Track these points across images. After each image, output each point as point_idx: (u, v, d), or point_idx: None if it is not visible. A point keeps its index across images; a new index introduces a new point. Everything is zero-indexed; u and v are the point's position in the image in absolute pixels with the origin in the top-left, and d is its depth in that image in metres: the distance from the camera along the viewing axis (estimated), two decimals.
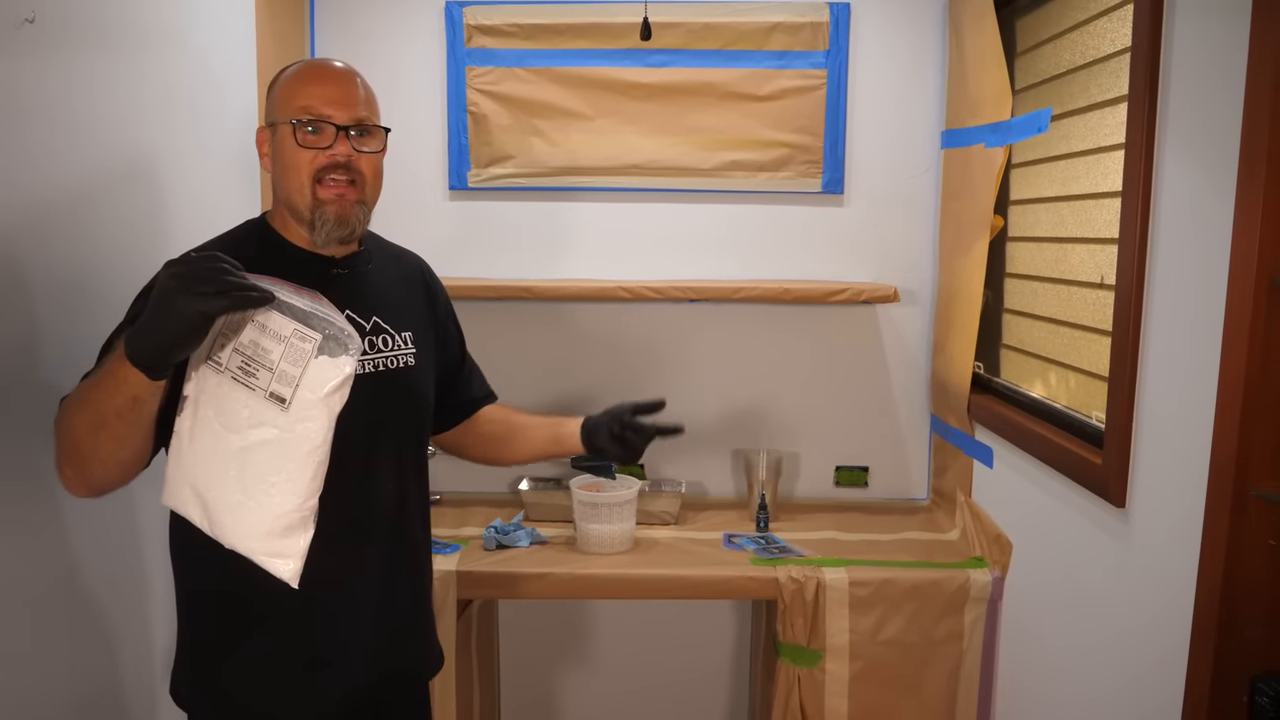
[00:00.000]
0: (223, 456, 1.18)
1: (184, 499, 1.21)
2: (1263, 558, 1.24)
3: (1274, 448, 1.22)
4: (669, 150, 2.47)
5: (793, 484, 2.60)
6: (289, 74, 1.41)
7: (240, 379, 1.17)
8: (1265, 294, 1.20)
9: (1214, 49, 1.31)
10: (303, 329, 1.16)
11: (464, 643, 2.16)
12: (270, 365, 1.16)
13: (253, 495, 1.17)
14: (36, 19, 1.33)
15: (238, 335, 1.18)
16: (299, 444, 1.17)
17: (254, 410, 1.17)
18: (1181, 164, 1.40)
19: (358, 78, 1.41)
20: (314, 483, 1.19)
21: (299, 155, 1.34)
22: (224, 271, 1.10)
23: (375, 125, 1.40)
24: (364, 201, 1.39)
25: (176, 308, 1.08)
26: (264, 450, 1.17)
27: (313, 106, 1.34)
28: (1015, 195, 2.21)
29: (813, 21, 2.42)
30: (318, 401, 1.16)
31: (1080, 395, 1.86)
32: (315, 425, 1.17)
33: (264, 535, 1.18)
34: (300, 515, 1.18)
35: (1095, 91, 1.81)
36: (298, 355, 1.15)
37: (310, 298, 1.21)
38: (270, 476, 1.17)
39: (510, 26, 2.44)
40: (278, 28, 2.23)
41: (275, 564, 1.19)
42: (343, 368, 1.16)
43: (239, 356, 1.18)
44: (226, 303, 1.09)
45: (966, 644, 2.09)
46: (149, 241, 1.67)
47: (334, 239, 1.37)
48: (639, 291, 2.33)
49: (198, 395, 1.20)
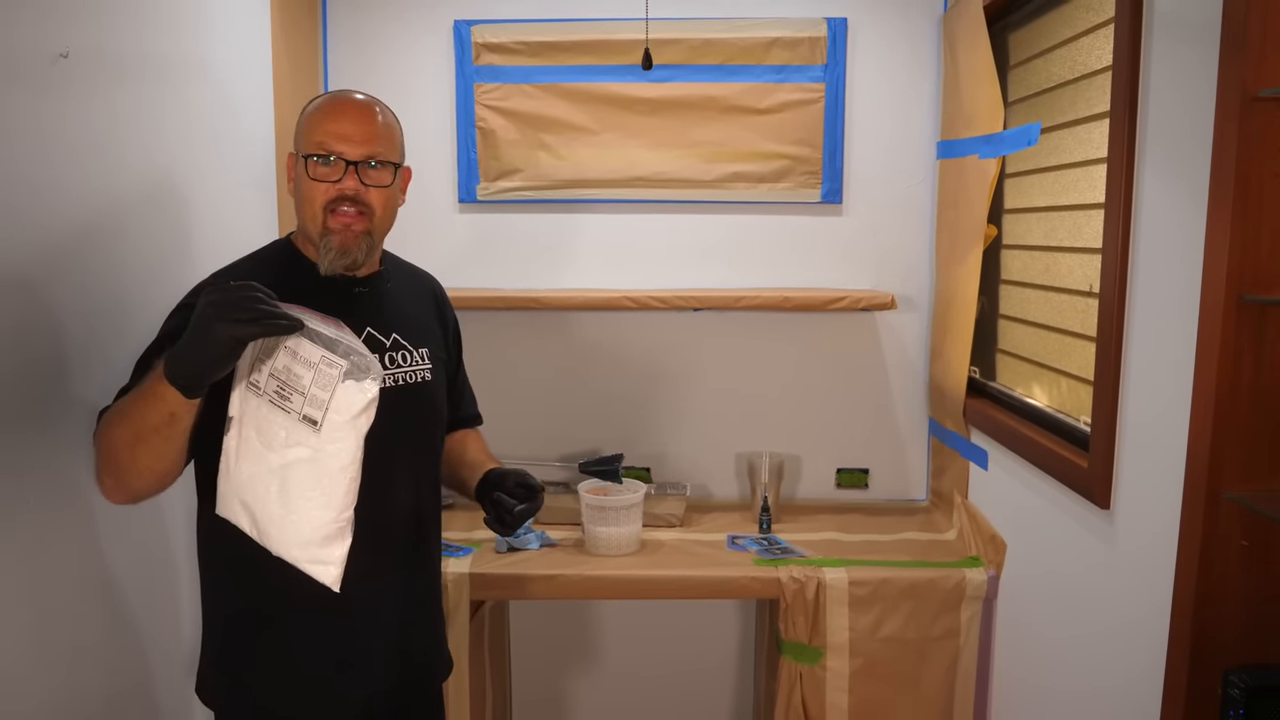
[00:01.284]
0: (265, 473, 1.28)
1: (234, 511, 1.31)
2: (1235, 558, 1.30)
3: (1244, 453, 1.29)
4: (672, 163, 2.54)
5: (795, 486, 2.67)
6: (314, 106, 1.48)
7: (277, 402, 1.27)
8: (1235, 309, 1.26)
9: (1188, 70, 1.37)
10: (330, 356, 1.25)
11: (476, 643, 2.23)
12: (302, 390, 1.25)
13: (293, 509, 1.27)
14: (70, 54, 1.41)
15: (273, 360, 1.27)
16: (331, 462, 1.26)
17: (290, 431, 1.26)
18: (1159, 179, 1.47)
19: (377, 114, 1.46)
20: (348, 496, 1.29)
21: (312, 187, 1.42)
22: (257, 300, 1.19)
23: (388, 160, 1.46)
24: (371, 232, 1.45)
25: (213, 332, 1.18)
26: (300, 468, 1.26)
27: (326, 142, 1.42)
28: (1009, 205, 2.28)
29: (810, 36, 2.49)
30: (346, 423, 1.26)
31: (1071, 400, 1.92)
32: (345, 445, 1.26)
33: (305, 544, 1.28)
34: (337, 526, 1.28)
35: (1083, 106, 1.87)
36: (326, 381, 1.25)
37: (335, 326, 1.29)
38: (308, 492, 1.27)
39: (517, 44, 2.52)
40: (293, 52, 2.31)
41: (317, 570, 1.29)
42: (367, 392, 1.25)
43: (275, 381, 1.27)
44: (257, 329, 1.19)
45: (963, 641, 2.15)
46: (174, 262, 1.75)
47: (336, 266, 1.44)
48: (644, 301, 2.40)
49: (241, 416, 1.29)
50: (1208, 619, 1.32)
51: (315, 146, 1.42)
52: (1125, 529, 1.57)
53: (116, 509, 1.52)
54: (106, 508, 1.52)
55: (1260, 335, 1.25)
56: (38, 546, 1.37)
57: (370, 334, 1.49)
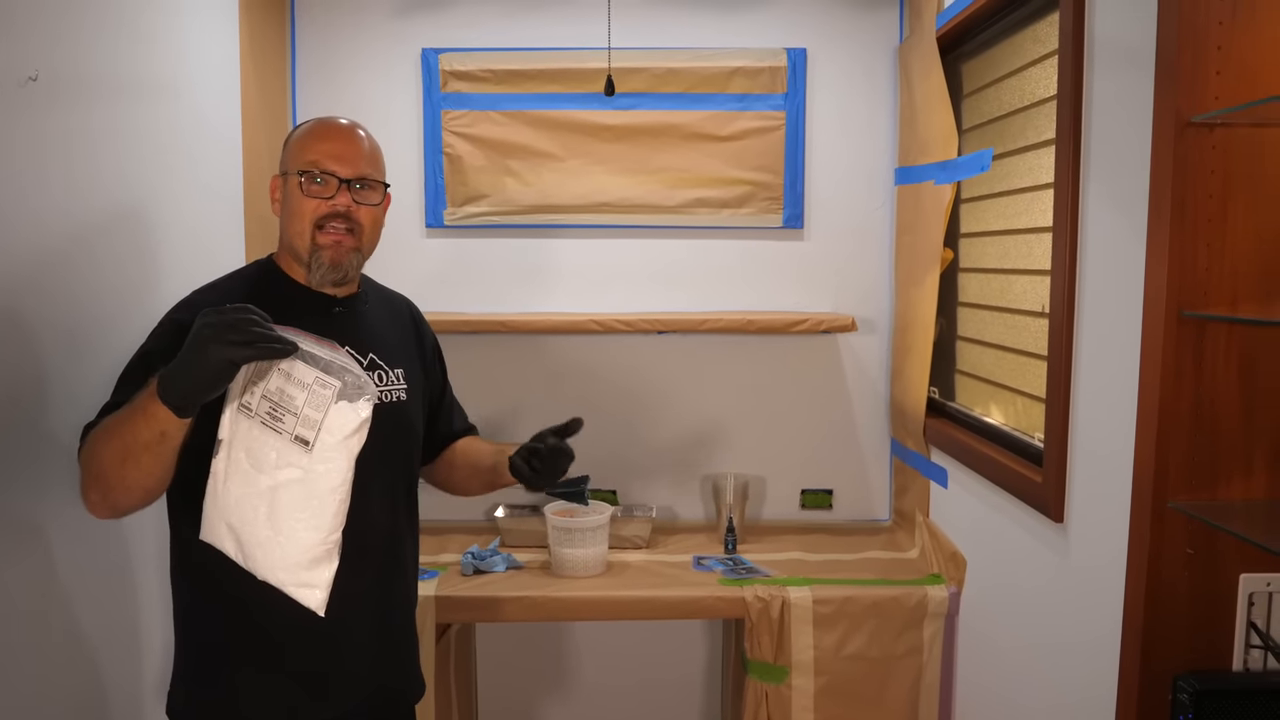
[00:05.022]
0: (253, 495, 1.27)
1: (219, 534, 1.30)
2: (1181, 566, 1.35)
3: (1188, 464, 1.33)
4: (636, 188, 2.59)
5: (760, 507, 2.69)
6: (302, 129, 1.53)
7: (268, 423, 1.26)
8: (1175, 325, 1.31)
9: (1126, 99, 1.44)
10: (324, 377, 1.25)
11: (443, 666, 2.23)
12: (295, 410, 1.25)
13: (281, 531, 1.26)
14: (39, 77, 1.42)
15: (266, 382, 1.27)
16: (322, 483, 1.26)
17: (280, 452, 1.26)
18: (1103, 202, 1.53)
19: (363, 137, 1.52)
20: (336, 518, 1.28)
21: (304, 204, 1.46)
22: (252, 323, 1.20)
23: (376, 180, 1.51)
24: (359, 249, 1.50)
25: (207, 353, 1.18)
26: (290, 489, 1.26)
27: (319, 161, 1.46)
28: (965, 229, 2.34)
29: (771, 66, 2.55)
30: (338, 444, 1.25)
31: (1025, 417, 1.97)
32: (336, 466, 1.26)
33: (292, 567, 1.27)
34: (325, 549, 1.28)
35: (1032, 133, 1.94)
36: (320, 401, 1.24)
37: (329, 347, 1.30)
38: (297, 514, 1.26)
39: (484, 72, 2.55)
40: (261, 79, 2.33)
41: (302, 593, 1.28)
42: (360, 412, 1.25)
43: (267, 403, 1.27)
44: (252, 352, 1.19)
45: (926, 657, 2.18)
46: (142, 283, 1.76)
47: (328, 280, 1.49)
48: (609, 324, 2.43)
49: (231, 438, 1.29)
50: (1156, 625, 1.36)
51: (308, 165, 1.46)
52: (1078, 541, 1.61)
53: (76, 527, 1.53)
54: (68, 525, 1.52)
55: (1199, 349, 1.31)
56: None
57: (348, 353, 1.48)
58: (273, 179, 1.53)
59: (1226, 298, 1.30)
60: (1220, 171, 1.29)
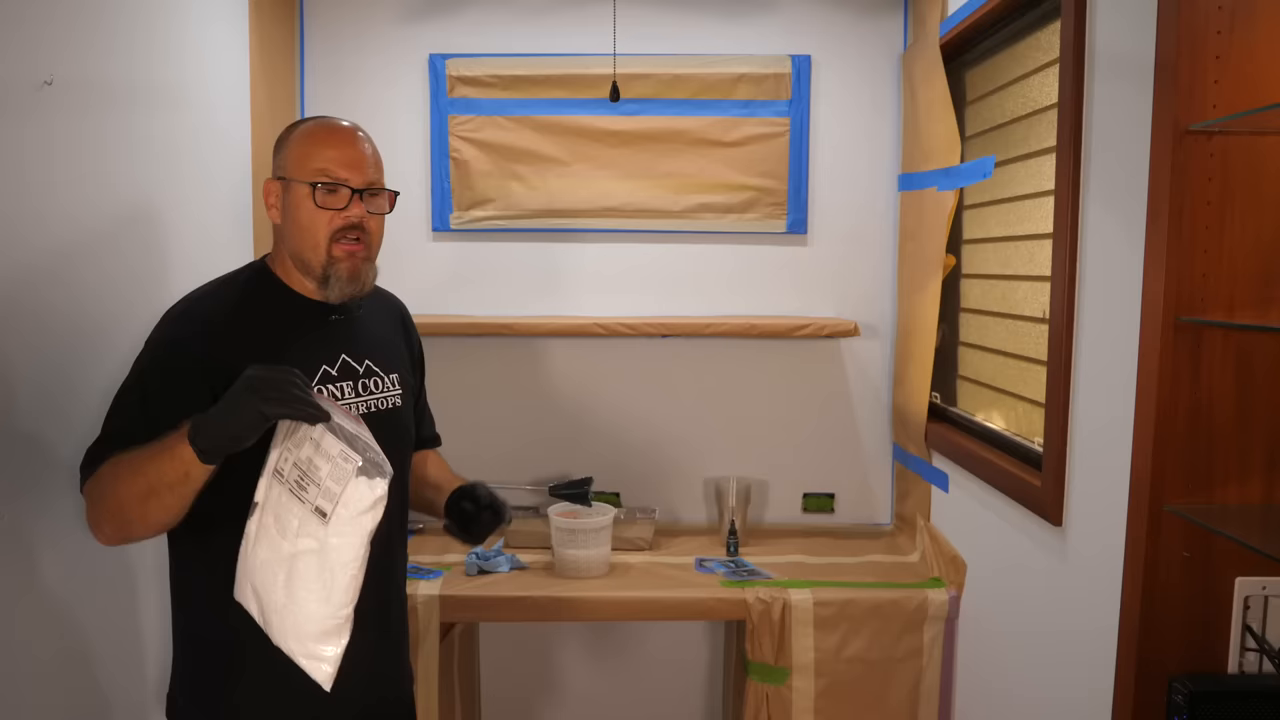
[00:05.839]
0: (275, 561, 1.28)
1: (246, 595, 1.32)
2: (1178, 569, 1.36)
3: (1184, 468, 1.35)
4: (641, 193, 2.61)
5: (762, 510, 2.71)
6: (302, 132, 1.46)
7: (295, 491, 1.28)
8: (1172, 330, 1.33)
9: (1126, 107, 1.45)
10: (347, 450, 1.25)
11: (446, 665, 2.24)
12: (319, 481, 1.26)
13: (294, 599, 1.27)
14: (55, 81, 1.44)
15: (300, 450, 1.28)
16: (334, 556, 1.27)
17: (302, 521, 1.27)
18: (1103, 209, 1.54)
19: (366, 139, 1.48)
20: (347, 594, 1.28)
21: (317, 216, 1.42)
22: (292, 385, 1.23)
23: (383, 186, 1.48)
24: (370, 258, 1.48)
25: (241, 405, 1.22)
26: (307, 559, 1.27)
27: (330, 170, 1.42)
28: (967, 235, 2.36)
29: (775, 73, 2.57)
30: (351, 519, 1.25)
31: (1025, 422, 1.99)
32: (349, 541, 1.26)
33: (302, 637, 1.28)
34: (334, 623, 1.28)
35: (1034, 140, 1.96)
36: (341, 475, 1.25)
37: (355, 423, 1.32)
38: (310, 584, 1.27)
39: (490, 78, 2.58)
40: (270, 84, 2.36)
41: (310, 665, 1.28)
42: (375, 489, 1.25)
43: (297, 470, 1.28)
44: (285, 410, 1.22)
45: (926, 660, 2.19)
46: (152, 286, 1.78)
47: (347, 293, 1.46)
48: (614, 328, 2.45)
49: (264, 502, 1.30)
50: (1152, 627, 1.37)
51: (318, 174, 1.42)
52: (1076, 544, 1.63)
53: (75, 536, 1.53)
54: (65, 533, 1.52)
55: (1196, 354, 1.32)
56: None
57: (345, 360, 1.50)
58: (267, 183, 1.47)
59: (1223, 303, 1.31)
60: (1218, 179, 1.30)
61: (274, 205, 1.47)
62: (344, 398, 1.47)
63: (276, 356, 1.38)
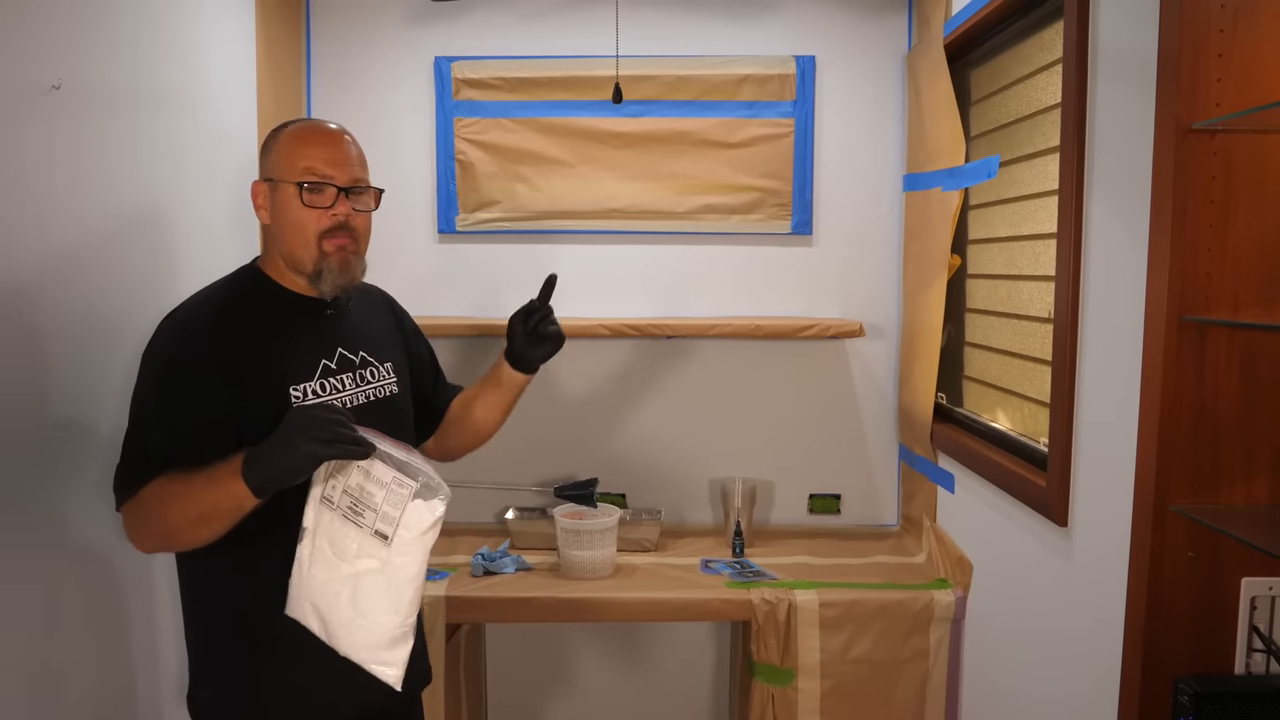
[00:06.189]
0: (336, 581, 1.37)
1: (304, 612, 1.40)
2: (1183, 569, 1.36)
3: (1190, 468, 1.34)
4: (646, 195, 2.61)
5: (768, 511, 2.71)
6: (287, 134, 1.49)
7: (349, 516, 1.36)
8: (1176, 329, 1.32)
9: (1129, 106, 1.45)
10: (401, 477, 1.34)
11: (452, 666, 2.25)
12: (375, 507, 1.35)
13: (363, 614, 1.36)
14: (63, 85, 1.45)
15: (346, 478, 1.36)
16: (400, 573, 1.35)
17: (361, 544, 1.36)
18: (1106, 208, 1.54)
19: (350, 140, 1.51)
20: (413, 604, 1.38)
21: (304, 215, 1.45)
22: (339, 424, 1.30)
23: (367, 184, 1.52)
24: (359, 254, 1.51)
25: (294, 446, 1.29)
26: (370, 578, 1.36)
27: (315, 168, 1.45)
28: (972, 235, 2.35)
29: (780, 74, 2.57)
30: (414, 539, 1.34)
31: (1031, 422, 1.98)
32: (413, 559, 1.35)
33: (373, 647, 1.37)
34: (402, 630, 1.38)
35: (1039, 140, 1.95)
36: (397, 499, 1.34)
37: (404, 450, 1.39)
38: (378, 600, 1.36)
39: (495, 80, 2.59)
40: (277, 87, 2.37)
41: (380, 670, 1.38)
42: (435, 510, 1.34)
43: (348, 498, 1.36)
44: (334, 451, 1.29)
45: (932, 661, 2.19)
46: (159, 288, 1.79)
47: (338, 286, 1.49)
48: (619, 329, 2.45)
49: (315, 528, 1.38)
50: (1158, 628, 1.37)
51: (304, 173, 1.45)
52: (1082, 545, 1.62)
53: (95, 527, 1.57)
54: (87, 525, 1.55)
55: (1200, 353, 1.32)
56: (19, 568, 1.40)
57: (341, 354, 1.54)
58: (255, 184, 1.50)
59: (1228, 302, 1.31)
60: (1221, 177, 1.30)
61: (263, 206, 1.49)
62: (344, 389, 1.52)
63: (278, 353, 1.45)
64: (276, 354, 1.45)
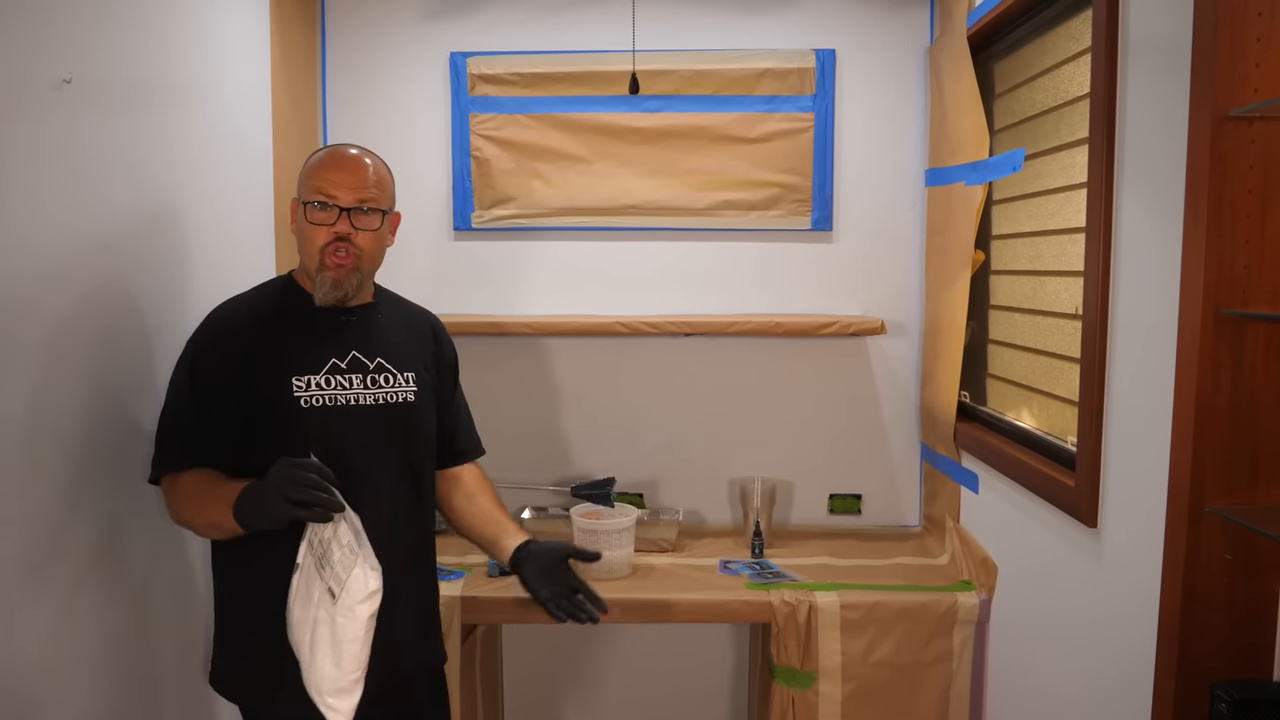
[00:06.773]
0: (304, 621, 1.48)
1: (293, 640, 1.51)
2: (1219, 571, 1.31)
3: (1226, 467, 1.30)
4: (664, 191, 2.58)
5: (788, 512, 2.67)
6: (315, 159, 1.65)
7: (317, 566, 1.47)
8: (1213, 323, 1.28)
9: (1162, 94, 1.41)
10: (354, 543, 1.44)
11: (468, 666, 2.22)
12: (332, 564, 1.45)
13: (315, 658, 1.46)
14: (74, 80, 1.44)
15: (324, 529, 1.46)
16: (340, 632, 1.44)
17: (320, 595, 1.46)
18: (1137, 201, 1.50)
19: (369, 166, 1.63)
20: (353, 662, 1.45)
21: (311, 230, 1.60)
22: (313, 484, 1.40)
23: (376, 206, 1.62)
24: (360, 270, 1.63)
25: (270, 502, 1.41)
26: (322, 627, 1.46)
27: (324, 189, 1.59)
28: (996, 230, 2.31)
29: (799, 68, 2.54)
30: (352, 605, 1.43)
31: (1058, 421, 1.94)
32: (350, 623, 1.44)
33: (320, 691, 1.47)
34: (346, 684, 1.46)
35: (1066, 132, 1.91)
36: (348, 564, 1.43)
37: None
38: (324, 648, 1.46)
39: (511, 75, 2.56)
40: (291, 84, 2.35)
41: (330, 714, 1.47)
42: (369, 583, 1.43)
43: (320, 548, 1.47)
44: (305, 514, 1.41)
45: (956, 665, 2.15)
46: (173, 286, 1.78)
47: (330, 298, 1.62)
48: (636, 326, 2.43)
49: (302, 566, 1.49)
50: (1193, 633, 1.32)
51: (314, 193, 1.60)
52: (1112, 546, 1.58)
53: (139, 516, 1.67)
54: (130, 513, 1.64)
55: (1238, 348, 1.27)
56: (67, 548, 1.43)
57: (354, 356, 1.65)
58: (291, 202, 1.66)
59: (1267, 295, 1.27)
60: (1260, 166, 1.25)
61: (293, 222, 1.66)
62: (350, 387, 1.63)
63: (290, 347, 1.61)
64: (289, 348, 1.61)
